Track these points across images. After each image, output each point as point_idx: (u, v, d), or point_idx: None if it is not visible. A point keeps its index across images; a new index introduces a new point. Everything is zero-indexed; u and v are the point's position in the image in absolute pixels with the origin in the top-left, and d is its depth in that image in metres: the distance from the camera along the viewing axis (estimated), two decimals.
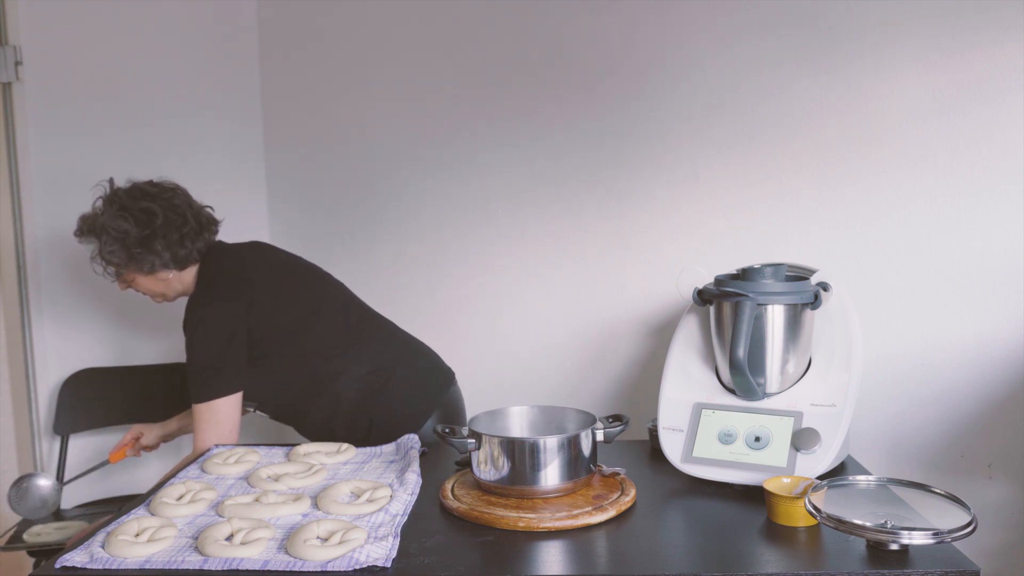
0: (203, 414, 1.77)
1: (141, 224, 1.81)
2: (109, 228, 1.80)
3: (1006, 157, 1.85)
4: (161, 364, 2.45)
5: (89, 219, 1.85)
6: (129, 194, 1.85)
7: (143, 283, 1.89)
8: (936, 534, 1.12)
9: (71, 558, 1.19)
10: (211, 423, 1.77)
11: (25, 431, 2.37)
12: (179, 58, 2.45)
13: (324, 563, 1.15)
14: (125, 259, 1.82)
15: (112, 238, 1.80)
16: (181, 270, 1.88)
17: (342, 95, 2.46)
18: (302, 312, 1.88)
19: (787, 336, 1.49)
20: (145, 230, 1.81)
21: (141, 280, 1.88)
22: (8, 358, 2.40)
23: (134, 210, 1.82)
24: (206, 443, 1.76)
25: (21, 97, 2.25)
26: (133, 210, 1.82)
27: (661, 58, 2.11)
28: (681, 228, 2.13)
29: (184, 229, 1.85)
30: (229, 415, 1.78)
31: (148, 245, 1.81)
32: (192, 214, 1.88)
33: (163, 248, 1.82)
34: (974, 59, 1.86)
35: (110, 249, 1.81)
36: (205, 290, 1.85)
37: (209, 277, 1.87)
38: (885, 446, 1.98)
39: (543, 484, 1.35)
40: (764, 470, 1.42)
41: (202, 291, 1.85)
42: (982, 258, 1.89)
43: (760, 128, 2.04)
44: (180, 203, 1.87)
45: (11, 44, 2.25)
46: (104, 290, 2.39)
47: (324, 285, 1.98)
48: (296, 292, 1.91)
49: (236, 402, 1.79)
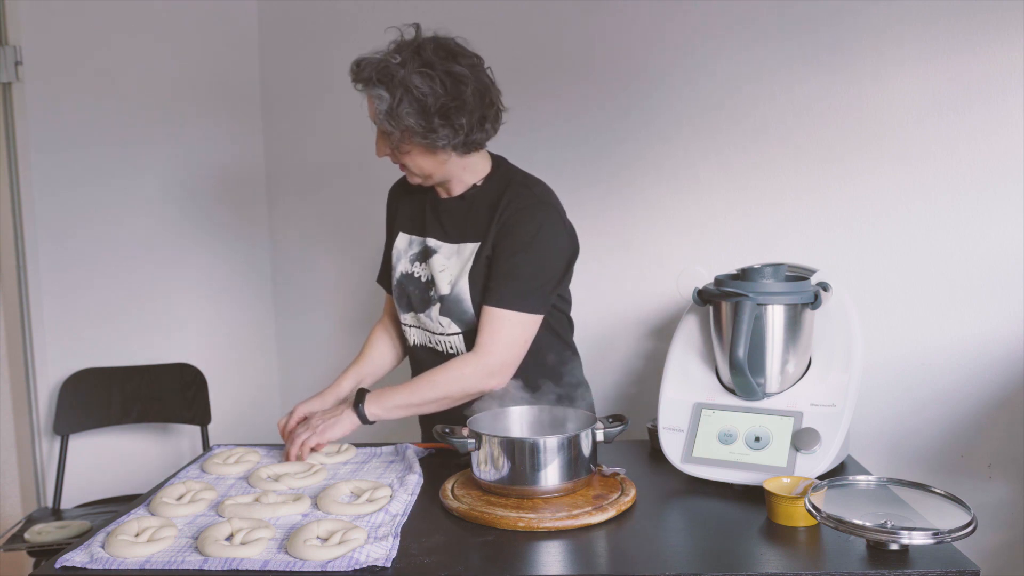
0: (514, 324, 1.55)
1: (448, 91, 1.51)
2: (411, 86, 1.49)
3: (1006, 157, 1.85)
4: (161, 364, 2.45)
5: (382, 67, 1.51)
6: (437, 51, 1.53)
7: (416, 158, 1.58)
8: (936, 534, 1.12)
9: (71, 558, 1.19)
10: (513, 337, 1.55)
11: (25, 431, 2.37)
12: (179, 58, 2.45)
13: (324, 563, 1.14)
14: (419, 127, 1.51)
15: (413, 98, 1.49)
16: (464, 156, 1.60)
17: (342, 95, 2.45)
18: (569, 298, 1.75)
19: (787, 336, 1.49)
20: (452, 101, 1.51)
21: (416, 154, 1.57)
22: (8, 358, 2.41)
23: (441, 72, 1.51)
24: (495, 356, 1.54)
25: (21, 97, 2.25)
26: (440, 71, 1.51)
27: (663, 60, 2.10)
28: (681, 228, 2.13)
29: (488, 111, 1.56)
30: (529, 339, 1.57)
31: (449, 118, 1.52)
32: (496, 95, 1.60)
33: (464, 125, 1.53)
34: (974, 59, 1.86)
35: (406, 111, 1.49)
36: (552, 208, 1.61)
37: (543, 193, 1.63)
38: (885, 446, 1.98)
39: (543, 484, 1.35)
40: (764, 470, 1.41)
41: (549, 204, 1.61)
42: (982, 258, 1.89)
43: (761, 129, 2.04)
44: (487, 79, 1.58)
45: (11, 44, 2.25)
46: (104, 290, 2.39)
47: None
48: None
49: (536, 329, 1.60)
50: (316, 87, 2.49)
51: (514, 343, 1.56)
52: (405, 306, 1.70)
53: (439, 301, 1.63)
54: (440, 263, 1.64)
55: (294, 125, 2.54)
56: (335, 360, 2.54)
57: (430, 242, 1.67)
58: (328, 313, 2.52)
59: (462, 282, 1.60)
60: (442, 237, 1.66)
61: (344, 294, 2.55)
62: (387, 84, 1.50)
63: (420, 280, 1.67)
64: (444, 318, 1.62)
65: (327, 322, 2.54)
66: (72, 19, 2.30)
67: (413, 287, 1.68)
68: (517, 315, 1.55)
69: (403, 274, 1.70)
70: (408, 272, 1.69)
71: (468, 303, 1.59)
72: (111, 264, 2.40)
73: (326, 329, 2.55)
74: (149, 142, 2.42)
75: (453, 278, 1.62)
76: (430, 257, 1.66)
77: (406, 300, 1.69)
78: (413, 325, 1.70)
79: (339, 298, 2.54)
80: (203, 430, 2.41)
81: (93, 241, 2.37)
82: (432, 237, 1.67)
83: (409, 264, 1.70)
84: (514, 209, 1.58)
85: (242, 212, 2.58)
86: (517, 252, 1.56)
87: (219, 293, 2.56)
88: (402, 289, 1.70)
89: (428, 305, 1.65)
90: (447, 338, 1.64)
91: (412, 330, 1.71)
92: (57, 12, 2.27)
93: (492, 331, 1.55)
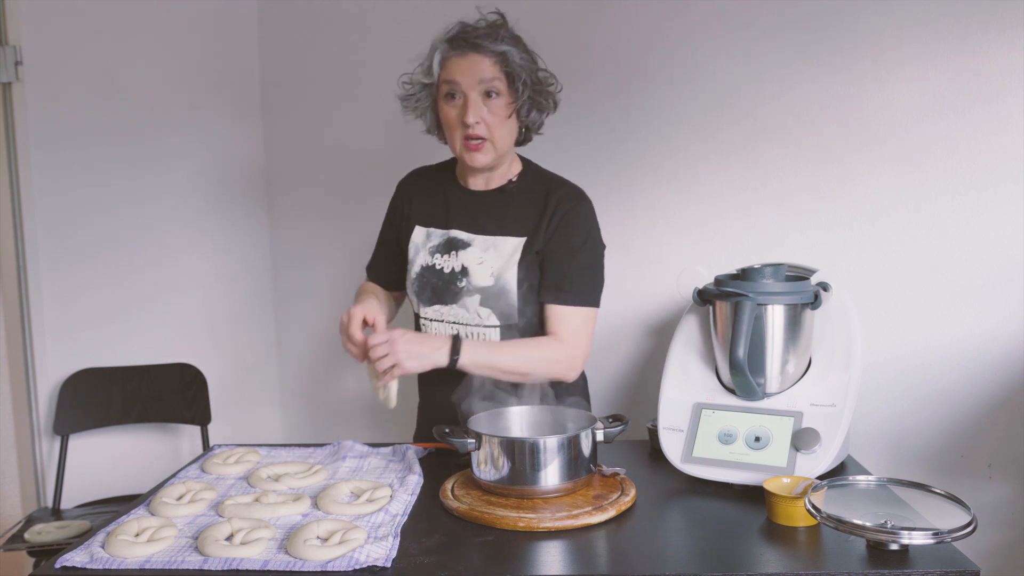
0: (588, 320, 1.64)
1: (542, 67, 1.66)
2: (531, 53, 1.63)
3: (1006, 157, 1.85)
4: (161, 364, 2.45)
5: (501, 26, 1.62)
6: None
7: (507, 130, 1.63)
8: (936, 534, 1.12)
9: (71, 558, 1.19)
10: (588, 331, 1.64)
11: (25, 431, 2.37)
12: (179, 58, 2.45)
13: (324, 563, 1.15)
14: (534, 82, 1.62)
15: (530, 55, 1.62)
16: (518, 142, 1.70)
17: (342, 95, 2.46)
18: None
19: (787, 336, 1.49)
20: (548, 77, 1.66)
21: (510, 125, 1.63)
22: (8, 358, 2.40)
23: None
24: (580, 350, 1.63)
25: (21, 97, 2.25)
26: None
27: (663, 60, 2.10)
28: (681, 228, 2.13)
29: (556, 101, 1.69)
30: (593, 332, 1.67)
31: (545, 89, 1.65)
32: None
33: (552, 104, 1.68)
34: (974, 59, 1.86)
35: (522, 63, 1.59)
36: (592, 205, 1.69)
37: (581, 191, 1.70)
38: (885, 446, 1.98)
39: (543, 484, 1.35)
40: (764, 470, 1.42)
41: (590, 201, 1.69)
42: (982, 258, 1.89)
43: (761, 129, 2.04)
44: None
45: (11, 44, 2.24)
46: (104, 290, 2.39)
47: None
48: None
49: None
50: (316, 87, 2.49)
51: (589, 337, 1.65)
52: (428, 299, 1.69)
53: (478, 292, 1.64)
54: (476, 255, 1.66)
55: (294, 125, 2.54)
56: (335, 360, 2.55)
57: (457, 234, 1.68)
58: (328, 313, 2.52)
59: (508, 274, 1.63)
60: (473, 229, 1.68)
61: (345, 294, 2.55)
62: (510, 39, 1.59)
63: (443, 272, 1.67)
64: (485, 309, 1.64)
65: (327, 322, 2.54)
66: (72, 19, 2.29)
67: (437, 279, 1.67)
68: (589, 310, 1.64)
69: (424, 267, 1.69)
70: (429, 265, 1.69)
71: (514, 295, 1.62)
72: (111, 264, 2.40)
73: (326, 329, 2.55)
74: (149, 142, 2.42)
75: (496, 270, 1.64)
76: (459, 249, 1.67)
77: (429, 293, 1.69)
78: (435, 319, 1.69)
79: (339, 298, 2.54)
80: (203, 430, 2.41)
81: (93, 241, 2.37)
82: (459, 230, 1.68)
83: (429, 257, 1.69)
84: (568, 208, 1.65)
85: (242, 212, 2.58)
86: (578, 250, 1.64)
87: (219, 293, 2.56)
88: (424, 282, 1.69)
89: (459, 296, 1.65)
90: (483, 330, 1.65)
91: (433, 324, 1.69)
92: (57, 12, 2.27)
93: (573, 327, 1.62)
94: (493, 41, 1.58)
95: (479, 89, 1.58)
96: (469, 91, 1.58)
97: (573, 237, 1.64)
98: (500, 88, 1.59)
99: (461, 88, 1.58)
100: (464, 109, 1.58)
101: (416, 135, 1.78)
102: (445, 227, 1.70)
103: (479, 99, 1.58)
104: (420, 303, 1.70)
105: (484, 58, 1.58)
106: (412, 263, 1.71)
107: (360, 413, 2.54)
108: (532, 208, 1.66)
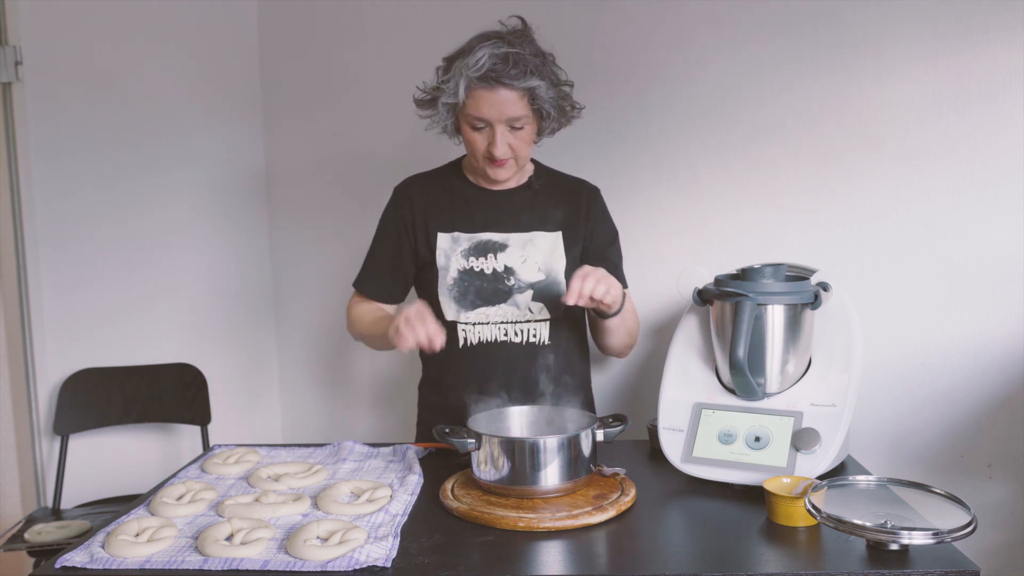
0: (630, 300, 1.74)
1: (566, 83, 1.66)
2: (555, 72, 1.61)
3: (1006, 157, 1.85)
4: (161, 364, 2.45)
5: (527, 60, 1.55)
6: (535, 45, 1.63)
7: (520, 142, 1.62)
8: (936, 534, 1.12)
9: (71, 558, 1.19)
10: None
11: (25, 431, 2.37)
12: (179, 58, 2.45)
13: (324, 563, 1.15)
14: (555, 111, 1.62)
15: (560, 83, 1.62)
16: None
17: (342, 95, 2.46)
18: None
19: (787, 336, 1.49)
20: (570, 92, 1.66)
21: (524, 138, 1.62)
22: (8, 358, 2.40)
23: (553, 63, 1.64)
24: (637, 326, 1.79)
25: (21, 97, 2.25)
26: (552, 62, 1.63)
27: (663, 59, 2.10)
28: (681, 228, 2.13)
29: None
30: None
31: (565, 107, 1.66)
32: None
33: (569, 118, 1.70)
34: (974, 59, 1.86)
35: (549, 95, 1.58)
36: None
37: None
38: (885, 446, 1.98)
39: (543, 484, 1.35)
40: (764, 470, 1.42)
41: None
42: (982, 258, 1.89)
43: (761, 129, 2.04)
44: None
45: (11, 44, 2.25)
46: (104, 290, 2.39)
47: None
48: None
49: None
50: (316, 88, 2.49)
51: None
52: (471, 303, 1.67)
53: (529, 288, 1.66)
54: (517, 254, 1.68)
55: (295, 126, 2.54)
56: (335, 360, 2.55)
57: (491, 236, 1.69)
58: (328, 313, 2.52)
59: (558, 266, 1.69)
60: (506, 228, 1.70)
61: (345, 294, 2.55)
62: (540, 73, 1.56)
63: (485, 273, 1.67)
64: (537, 303, 1.67)
65: (327, 322, 2.54)
66: (72, 19, 2.29)
67: (480, 281, 1.67)
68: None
69: (461, 272, 1.68)
70: (466, 268, 1.68)
71: (563, 287, 1.66)
72: (111, 264, 2.40)
73: (326, 329, 2.55)
74: (150, 142, 2.42)
75: (544, 264, 1.68)
76: (496, 251, 1.68)
77: (472, 296, 1.67)
78: (479, 322, 1.67)
79: (340, 298, 2.53)
80: (203, 430, 2.41)
81: (93, 241, 2.37)
82: (491, 231, 1.69)
83: (464, 260, 1.68)
84: (599, 201, 1.79)
85: (242, 212, 2.58)
86: (614, 241, 1.79)
87: (219, 293, 2.56)
88: (464, 287, 1.67)
89: (508, 295, 1.67)
90: (534, 325, 1.67)
91: (475, 328, 1.67)
92: (57, 12, 2.27)
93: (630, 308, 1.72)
94: (521, 77, 1.54)
95: (506, 123, 1.58)
96: (496, 124, 1.58)
97: (610, 227, 1.79)
98: (527, 121, 1.60)
99: (488, 120, 1.58)
100: (491, 139, 1.59)
101: (416, 135, 1.78)
102: (472, 230, 1.69)
103: (506, 130, 1.59)
104: (461, 308, 1.67)
105: (512, 93, 1.55)
106: (445, 270, 1.68)
107: (360, 413, 2.54)
108: (562, 203, 1.73)
